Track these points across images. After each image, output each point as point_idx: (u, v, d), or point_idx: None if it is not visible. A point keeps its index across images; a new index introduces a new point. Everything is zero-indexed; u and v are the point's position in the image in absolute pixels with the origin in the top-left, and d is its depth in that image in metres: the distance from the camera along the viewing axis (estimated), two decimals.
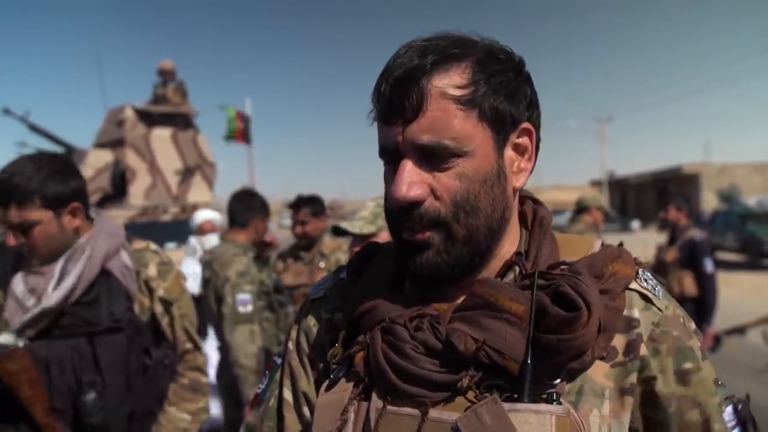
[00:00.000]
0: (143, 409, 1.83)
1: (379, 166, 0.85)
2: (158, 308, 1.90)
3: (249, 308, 3.04)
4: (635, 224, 36.49)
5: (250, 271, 3.15)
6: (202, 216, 5.55)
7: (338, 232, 2.41)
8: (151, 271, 1.91)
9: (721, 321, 5.05)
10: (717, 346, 4.87)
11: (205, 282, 3.22)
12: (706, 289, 4.60)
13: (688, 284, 4.61)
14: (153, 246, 2.01)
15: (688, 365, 0.81)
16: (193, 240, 5.54)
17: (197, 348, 2.01)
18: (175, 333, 1.94)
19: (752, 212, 18.34)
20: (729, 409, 0.83)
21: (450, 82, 0.76)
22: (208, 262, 3.24)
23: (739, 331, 5.11)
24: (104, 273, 1.78)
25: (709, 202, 33.51)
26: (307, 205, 3.65)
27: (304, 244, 3.71)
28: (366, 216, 2.34)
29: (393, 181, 0.78)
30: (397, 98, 0.77)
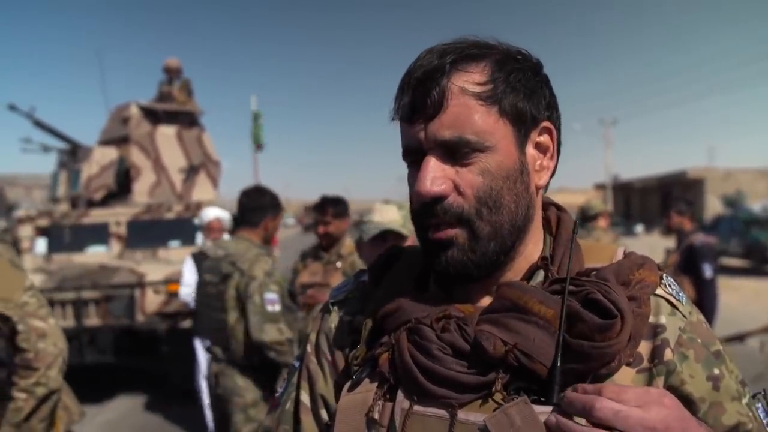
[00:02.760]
0: None
1: (382, 166, 0.87)
2: None
3: (277, 307, 3.05)
4: (639, 228, 36.42)
5: (275, 272, 3.16)
6: (210, 213, 5.39)
7: (391, 235, 2.50)
8: None
9: (722, 326, 5.05)
10: None
11: (224, 277, 3.16)
12: (705, 295, 4.56)
13: (686, 289, 4.55)
14: None
15: (716, 371, 0.81)
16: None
17: (14, 325, 1.86)
18: None
19: (756, 218, 18.27)
20: (760, 405, 0.84)
21: (470, 79, 0.78)
22: (224, 258, 3.20)
23: (739, 338, 5.10)
24: None
25: (714, 207, 33.40)
26: (331, 206, 3.68)
27: (325, 244, 3.73)
28: (398, 219, 2.48)
29: (417, 178, 0.79)
30: (419, 97, 0.79)
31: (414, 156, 0.82)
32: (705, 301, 4.55)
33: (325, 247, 3.76)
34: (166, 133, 8.37)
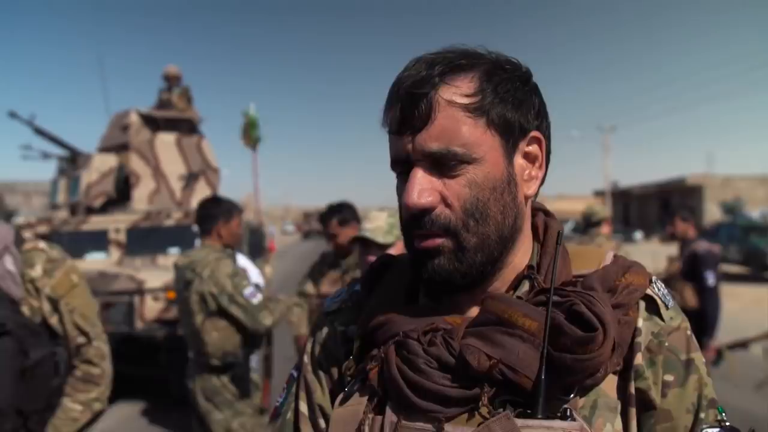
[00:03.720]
0: (35, 406, 1.86)
1: (383, 172, 0.86)
2: (46, 307, 1.93)
3: (259, 296, 3.22)
4: (638, 235, 36.44)
5: (237, 270, 3.30)
6: None
7: (363, 242, 2.49)
8: (37, 271, 1.93)
9: (722, 333, 5.06)
10: (718, 360, 4.86)
11: (186, 284, 3.28)
12: (707, 302, 4.57)
13: (689, 296, 4.60)
14: (41, 244, 2.02)
15: (668, 377, 0.81)
16: None
17: (90, 340, 2.04)
18: (65, 328, 1.97)
19: (755, 224, 18.32)
20: (712, 431, 0.81)
21: (458, 91, 0.78)
22: (187, 265, 3.30)
23: (742, 345, 5.09)
24: None
25: (713, 213, 33.42)
26: (334, 216, 3.63)
27: (340, 254, 3.73)
28: (382, 226, 2.46)
29: (405, 190, 0.79)
30: (407, 109, 0.79)
31: (402, 167, 0.82)
32: (708, 308, 4.57)
33: (342, 255, 3.75)
34: (166, 140, 8.38)
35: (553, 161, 0.89)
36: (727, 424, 0.81)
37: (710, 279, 4.59)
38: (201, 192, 8.46)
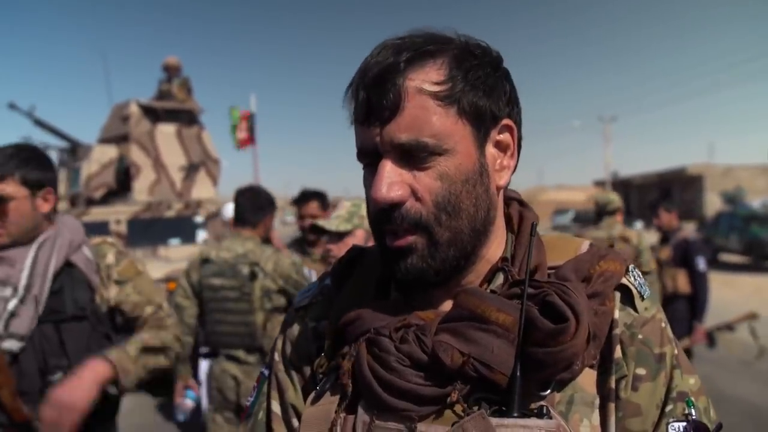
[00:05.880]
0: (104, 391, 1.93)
1: None
2: (113, 291, 2.02)
3: None
4: (638, 225, 36.42)
5: (296, 262, 3.26)
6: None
7: (317, 230, 2.43)
8: (110, 259, 2.06)
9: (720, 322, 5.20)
10: (712, 343, 5.01)
11: (249, 277, 3.15)
12: (699, 287, 4.74)
13: (682, 282, 4.76)
14: (110, 239, 2.15)
15: (641, 371, 0.78)
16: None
17: (161, 307, 2.11)
18: (133, 308, 2.05)
19: (756, 214, 18.30)
20: (679, 426, 0.77)
21: (427, 78, 0.74)
22: (239, 258, 3.19)
23: (729, 327, 5.23)
24: (67, 265, 1.92)
25: (713, 203, 33.42)
26: (314, 199, 3.64)
27: (312, 239, 3.67)
28: (342, 214, 2.37)
29: (373, 184, 0.76)
30: (374, 98, 0.75)
31: (369, 158, 0.78)
32: (699, 293, 4.74)
33: (311, 242, 3.75)
34: (166, 131, 8.39)
35: (553, 151, 0.86)
36: (694, 417, 0.78)
37: (701, 264, 4.76)
38: (201, 183, 8.47)
